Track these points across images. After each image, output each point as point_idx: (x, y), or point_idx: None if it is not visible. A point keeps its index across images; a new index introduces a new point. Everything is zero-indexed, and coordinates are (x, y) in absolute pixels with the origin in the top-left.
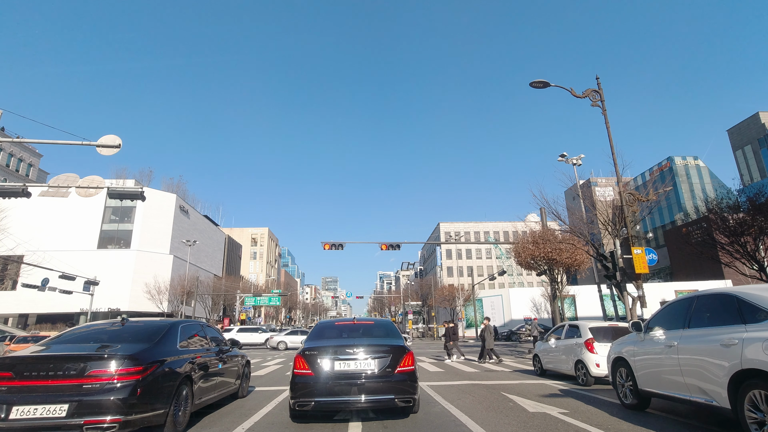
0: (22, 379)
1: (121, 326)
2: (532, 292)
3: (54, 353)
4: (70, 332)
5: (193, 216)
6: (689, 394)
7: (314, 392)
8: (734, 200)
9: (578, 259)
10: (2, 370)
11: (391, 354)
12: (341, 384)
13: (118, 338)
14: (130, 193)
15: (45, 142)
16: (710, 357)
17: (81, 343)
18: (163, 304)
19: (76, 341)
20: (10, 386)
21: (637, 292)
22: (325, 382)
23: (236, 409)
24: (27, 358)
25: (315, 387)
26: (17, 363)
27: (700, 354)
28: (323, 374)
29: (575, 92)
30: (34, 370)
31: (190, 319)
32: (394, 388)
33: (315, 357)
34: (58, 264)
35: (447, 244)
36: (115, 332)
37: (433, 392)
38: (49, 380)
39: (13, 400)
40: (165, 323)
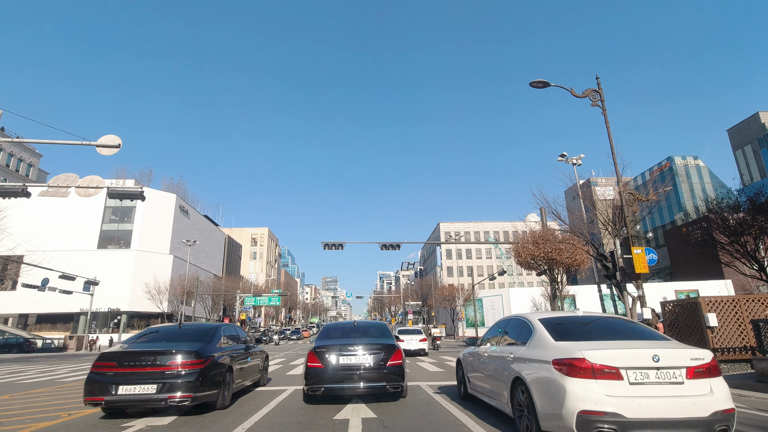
0: (123, 367)
1: (179, 328)
2: (532, 292)
3: (142, 349)
4: (145, 333)
5: (193, 216)
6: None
7: (323, 380)
8: (734, 200)
9: (578, 259)
10: (109, 361)
11: (384, 351)
12: (344, 374)
13: (182, 338)
14: (130, 193)
15: (45, 142)
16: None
17: (156, 342)
18: (163, 304)
19: (152, 340)
20: (115, 372)
21: (637, 291)
22: (332, 372)
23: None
24: (125, 352)
25: (324, 376)
26: (119, 356)
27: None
28: (330, 366)
29: (575, 92)
30: (130, 360)
31: (228, 323)
32: (386, 377)
33: (324, 353)
34: (58, 264)
35: (447, 244)
36: (178, 333)
37: (433, 392)
38: (141, 368)
39: (118, 381)
40: (212, 326)
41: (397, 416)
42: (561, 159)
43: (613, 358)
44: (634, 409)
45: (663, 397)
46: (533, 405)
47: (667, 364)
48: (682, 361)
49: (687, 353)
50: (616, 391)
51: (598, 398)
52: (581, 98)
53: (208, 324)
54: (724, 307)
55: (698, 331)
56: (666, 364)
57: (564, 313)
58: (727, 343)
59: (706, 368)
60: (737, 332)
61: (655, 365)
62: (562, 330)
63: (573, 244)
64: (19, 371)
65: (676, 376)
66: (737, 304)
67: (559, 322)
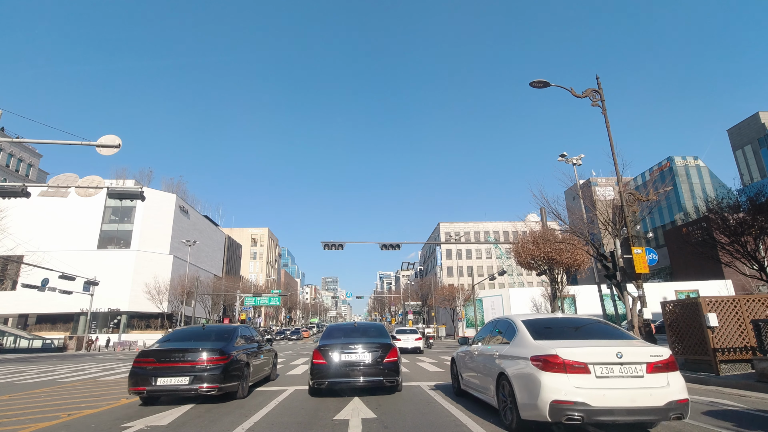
0: (160, 362)
1: (203, 329)
2: (532, 292)
3: (175, 347)
4: (175, 333)
5: (193, 216)
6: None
7: (327, 375)
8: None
9: (578, 259)
10: (149, 357)
11: (381, 349)
12: (346, 369)
13: (206, 337)
14: (130, 193)
15: (45, 142)
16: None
17: (185, 341)
18: (163, 305)
19: (181, 339)
20: (154, 366)
21: (638, 291)
22: (335, 368)
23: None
24: (161, 350)
25: (328, 372)
26: (156, 353)
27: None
28: (333, 363)
29: (575, 92)
30: (166, 357)
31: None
32: (383, 372)
33: (327, 351)
34: (58, 264)
35: (447, 245)
36: (202, 333)
37: (433, 392)
38: (175, 363)
39: (157, 374)
40: (232, 327)
41: (398, 417)
42: (561, 159)
43: (582, 354)
44: (599, 398)
45: (625, 388)
46: (515, 397)
47: (630, 360)
48: (642, 357)
49: (647, 351)
50: (584, 384)
51: (569, 390)
52: (581, 98)
53: (227, 325)
54: (724, 307)
55: (699, 331)
56: (628, 360)
57: (546, 316)
58: (727, 343)
59: (663, 364)
60: (738, 332)
61: (618, 361)
62: (541, 330)
63: (573, 244)
64: (19, 371)
65: (637, 370)
66: (738, 304)
67: (539, 323)
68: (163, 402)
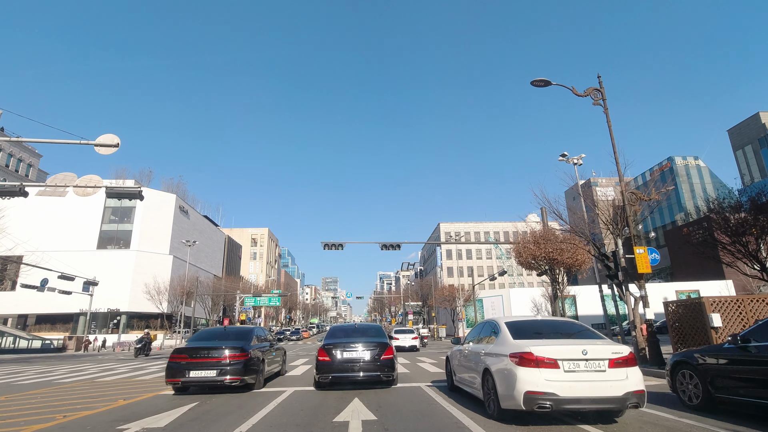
0: (192, 357)
1: (224, 330)
2: (532, 292)
3: (203, 345)
4: (200, 333)
5: (193, 216)
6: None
7: (331, 370)
8: (736, 200)
9: (579, 259)
10: (182, 353)
11: (379, 347)
12: (347, 365)
13: (228, 337)
14: (129, 193)
15: (43, 141)
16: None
17: (210, 340)
18: (163, 305)
19: (207, 338)
20: (187, 361)
21: (640, 292)
22: (338, 364)
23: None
24: (192, 347)
25: (331, 367)
26: (188, 350)
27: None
28: (336, 360)
29: (577, 91)
30: (196, 353)
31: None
32: (380, 368)
33: (331, 349)
34: (57, 264)
35: (447, 245)
36: (224, 333)
37: (435, 393)
38: (204, 359)
39: (189, 367)
40: (248, 328)
41: (399, 419)
42: (562, 159)
43: (552, 351)
44: (566, 389)
45: (589, 381)
46: (496, 389)
47: (594, 356)
48: (605, 354)
49: (610, 348)
50: (554, 377)
51: (540, 382)
52: (583, 97)
53: (245, 327)
54: (728, 308)
55: (702, 331)
56: (592, 356)
57: (527, 318)
58: None
59: (623, 360)
60: None
61: (584, 357)
62: (521, 331)
63: (574, 243)
64: (17, 372)
65: (600, 366)
66: (741, 304)
67: (519, 324)
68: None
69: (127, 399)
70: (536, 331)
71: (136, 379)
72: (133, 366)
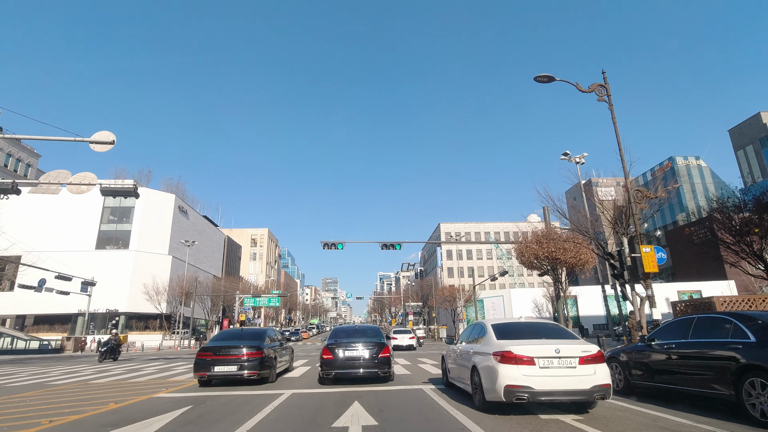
0: (216, 355)
1: (241, 331)
2: (533, 292)
3: (225, 344)
4: (220, 334)
5: (192, 216)
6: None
7: (334, 367)
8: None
9: (582, 259)
10: (207, 351)
11: (377, 347)
12: (349, 363)
13: (245, 337)
14: (124, 190)
15: (38, 138)
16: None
17: (230, 340)
18: (162, 305)
19: (227, 338)
20: (211, 358)
21: (646, 291)
22: (340, 362)
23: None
24: (215, 346)
25: (335, 364)
26: (211, 348)
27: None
28: (339, 358)
29: (581, 87)
30: (219, 351)
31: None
32: (378, 365)
33: (334, 348)
34: (55, 265)
35: (447, 245)
36: (241, 334)
37: (436, 395)
38: (226, 356)
39: (213, 363)
40: (262, 330)
41: (400, 425)
42: (564, 158)
43: (529, 350)
44: (541, 383)
45: (561, 376)
46: (481, 383)
47: (566, 354)
48: (575, 353)
49: (580, 347)
50: (530, 373)
51: (518, 377)
52: (587, 93)
53: (259, 328)
54: (738, 307)
55: None
56: (565, 354)
57: (511, 320)
58: None
59: (592, 357)
60: None
61: (557, 355)
62: (505, 332)
63: (578, 242)
64: (11, 373)
65: (571, 363)
66: (752, 303)
67: (504, 326)
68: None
69: (119, 402)
70: (518, 333)
71: (131, 381)
72: (129, 367)
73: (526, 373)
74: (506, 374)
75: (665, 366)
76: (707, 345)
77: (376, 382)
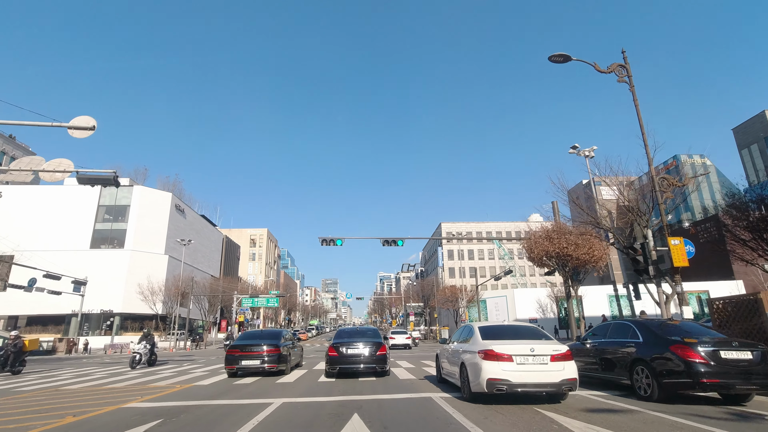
0: (242, 351)
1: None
2: (537, 292)
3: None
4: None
5: (190, 215)
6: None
7: (339, 363)
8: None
9: (596, 255)
10: (236, 348)
11: (375, 346)
12: (351, 359)
13: (264, 337)
14: (102, 179)
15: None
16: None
17: (253, 339)
18: (157, 306)
19: (251, 338)
20: (240, 354)
21: (674, 288)
22: (344, 358)
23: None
24: (242, 344)
25: (339, 361)
26: (239, 345)
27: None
28: (343, 355)
29: (599, 67)
30: (245, 348)
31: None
32: (376, 361)
33: (338, 347)
34: (49, 264)
35: (450, 245)
36: (261, 334)
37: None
38: (251, 352)
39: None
40: (278, 331)
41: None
42: (572, 151)
43: (509, 349)
44: (518, 377)
45: (535, 371)
46: (468, 377)
47: (539, 353)
48: (548, 351)
49: (552, 347)
50: (509, 368)
51: (498, 372)
52: (606, 73)
53: (276, 330)
54: None
55: (759, 330)
56: (538, 353)
57: (495, 323)
58: None
59: (561, 356)
60: None
61: (532, 354)
62: (489, 333)
63: (591, 236)
64: None
65: (544, 360)
66: None
67: (489, 328)
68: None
69: (79, 415)
70: (500, 334)
71: (107, 387)
72: (112, 371)
73: (505, 369)
74: (489, 369)
75: (592, 359)
76: (617, 344)
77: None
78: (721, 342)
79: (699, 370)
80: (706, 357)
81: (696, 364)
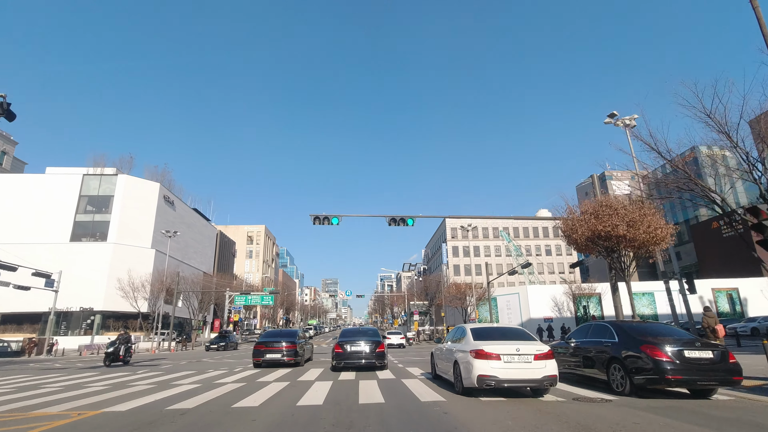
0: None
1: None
2: (553, 289)
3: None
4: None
5: (180, 208)
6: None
7: (343, 358)
8: None
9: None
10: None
11: (375, 344)
12: (354, 355)
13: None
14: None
15: None
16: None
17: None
18: (139, 303)
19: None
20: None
21: None
22: (347, 354)
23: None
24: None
25: (343, 356)
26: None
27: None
28: (346, 351)
29: None
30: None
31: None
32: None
33: (343, 344)
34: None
35: (455, 241)
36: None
37: None
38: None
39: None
40: (294, 330)
41: None
42: (609, 121)
43: (497, 349)
44: (504, 373)
45: (520, 368)
46: (461, 374)
47: (524, 352)
48: (531, 351)
49: (535, 347)
50: (497, 366)
51: (487, 369)
52: None
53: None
54: None
55: None
56: (523, 352)
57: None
58: None
59: (544, 355)
60: None
61: (517, 353)
62: (480, 335)
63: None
64: None
65: (528, 359)
66: None
67: (480, 330)
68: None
69: None
70: (490, 335)
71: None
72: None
73: (493, 366)
74: (479, 366)
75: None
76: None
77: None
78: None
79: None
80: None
81: (662, 362)
